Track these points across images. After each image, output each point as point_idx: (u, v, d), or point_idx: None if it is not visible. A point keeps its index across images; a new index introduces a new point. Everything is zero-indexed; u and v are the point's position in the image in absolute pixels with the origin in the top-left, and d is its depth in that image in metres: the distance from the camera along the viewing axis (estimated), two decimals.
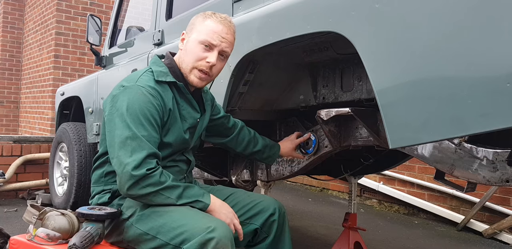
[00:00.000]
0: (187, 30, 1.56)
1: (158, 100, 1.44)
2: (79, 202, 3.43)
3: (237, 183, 2.21)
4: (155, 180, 1.34)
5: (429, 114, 1.10)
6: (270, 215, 1.60)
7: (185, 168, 1.61)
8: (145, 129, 1.38)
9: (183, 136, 1.53)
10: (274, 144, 1.90)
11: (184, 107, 1.55)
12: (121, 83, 1.50)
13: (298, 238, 3.09)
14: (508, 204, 3.45)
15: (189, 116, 1.56)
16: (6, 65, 7.70)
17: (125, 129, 1.38)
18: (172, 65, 1.54)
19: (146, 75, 1.50)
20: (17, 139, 4.46)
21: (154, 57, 1.59)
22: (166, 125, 1.48)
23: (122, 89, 1.45)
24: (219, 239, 1.26)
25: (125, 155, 1.35)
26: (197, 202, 1.42)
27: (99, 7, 6.64)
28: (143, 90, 1.42)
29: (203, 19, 1.52)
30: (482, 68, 1.00)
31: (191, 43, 1.51)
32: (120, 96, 1.43)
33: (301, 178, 5.20)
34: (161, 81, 1.49)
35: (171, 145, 1.50)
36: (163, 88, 1.49)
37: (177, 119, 1.51)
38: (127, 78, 1.53)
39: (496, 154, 1.29)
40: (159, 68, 1.52)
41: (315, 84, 1.94)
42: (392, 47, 1.19)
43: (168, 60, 1.56)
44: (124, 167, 1.34)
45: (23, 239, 1.53)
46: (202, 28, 1.50)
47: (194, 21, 1.55)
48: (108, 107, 1.46)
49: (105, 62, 3.43)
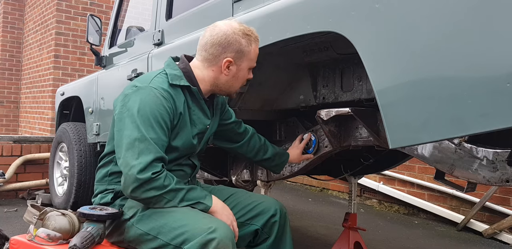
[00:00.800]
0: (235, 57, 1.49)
1: (169, 103, 1.43)
2: (79, 202, 3.43)
3: (237, 183, 2.21)
4: (159, 184, 1.34)
5: (429, 114, 1.10)
6: (271, 216, 1.60)
7: (189, 172, 1.61)
8: (154, 132, 1.38)
9: (191, 141, 1.52)
10: (283, 152, 1.88)
11: (195, 112, 1.54)
12: (134, 83, 1.49)
13: (298, 238, 3.09)
14: (508, 204, 3.46)
15: (199, 122, 1.55)
16: (6, 65, 7.70)
17: (134, 130, 1.37)
18: (187, 70, 1.52)
19: (160, 77, 1.48)
20: (17, 139, 4.46)
21: (168, 59, 1.58)
22: (176, 128, 1.47)
23: (135, 89, 1.44)
24: (220, 240, 1.26)
25: (132, 156, 1.35)
26: (199, 203, 1.42)
27: (99, 7, 6.64)
28: (156, 92, 1.41)
29: (248, 44, 1.49)
30: (482, 68, 1.00)
31: (243, 72, 1.54)
32: (132, 96, 1.42)
33: (301, 178, 5.20)
34: (174, 84, 1.48)
35: (179, 149, 1.50)
36: (176, 91, 1.47)
37: (187, 123, 1.50)
38: (140, 78, 1.52)
39: (496, 154, 1.29)
40: (173, 71, 1.51)
41: (315, 84, 1.94)
42: (392, 47, 1.19)
43: (183, 65, 1.54)
44: (130, 169, 1.33)
45: (24, 239, 1.53)
46: (252, 56, 1.53)
47: (241, 47, 1.48)
48: (119, 106, 1.45)
49: (105, 62, 3.43)
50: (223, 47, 1.47)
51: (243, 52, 1.49)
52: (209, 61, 1.51)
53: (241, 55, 1.49)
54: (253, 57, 1.53)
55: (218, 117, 1.69)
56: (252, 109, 2.06)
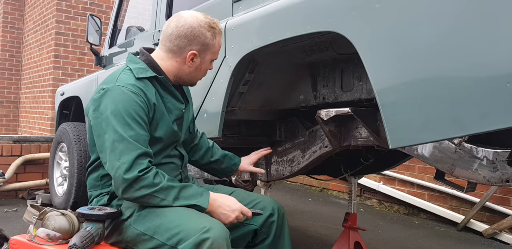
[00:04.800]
0: (199, 50, 1.50)
1: (141, 97, 1.42)
2: (79, 202, 3.43)
3: (237, 183, 2.21)
4: (148, 182, 1.34)
5: (429, 114, 1.10)
6: (269, 215, 1.59)
7: (179, 163, 1.61)
8: (131, 129, 1.37)
9: (172, 128, 1.52)
10: (235, 156, 1.85)
11: (169, 99, 1.54)
12: (100, 86, 1.48)
13: (298, 238, 3.09)
14: (508, 204, 3.46)
15: (174, 108, 1.55)
16: (6, 65, 7.70)
17: (111, 132, 1.37)
18: (150, 61, 1.53)
19: (125, 73, 1.48)
20: (17, 139, 4.46)
21: (129, 55, 1.58)
22: (154, 120, 1.47)
23: (103, 92, 1.43)
24: (214, 239, 1.26)
25: (114, 158, 1.35)
26: (194, 206, 1.40)
27: (99, 7, 6.65)
28: (124, 90, 1.41)
29: (212, 37, 1.50)
30: (482, 68, 1.00)
31: (206, 64, 1.56)
32: (102, 99, 1.41)
33: (301, 178, 5.20)
34: (141, 77, 1.47)
35: (162, 139, 1.50)
36: (144, 84, 1.47)
37: (164, 112, 1.50)
38: (106, 80, 1.51)
39: (496, 154, 1.29)
40: (136, 65, 1.51)
41: (315, 84, 1.94)
42: (392, 47, 1.19)
43: (144, 57, 1.55)
44: (116, 171, 1.34)
45: (23, 239, 1.53)
46: (216, 49, 1.53)
47: (205, 39, 1.49)
48: (91, 112, 1.44)
49: (105, 62, 3.43)
50: (189, 40, 1.48)
51: (208, 45, 1.50)
52: (173, 52, 1.51)
53: (205, 48, 1.50)
54: (216, 50, 1.54)
55: (192, 104, 1.71)
56: (252, 109, 2.06)
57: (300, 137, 2.04)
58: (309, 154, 1.96)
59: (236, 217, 1.43)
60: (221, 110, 1.84)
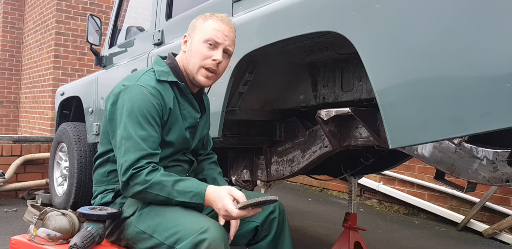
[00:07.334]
0: (189, 32, 1.56)
1: (158, 100, 1.44)
2: (79, 202, 3.43)
3: (237, 183, 2.21)
4: (141, 179, 1.35)
5: (429, 114, 1.10)
6: (270, 212, 1.60)
7: (187, 167, 1.62)
8: (142, 128, 1.39)
9: (184, 135, 1.53)
10: None
11: (185, 106, 1.55)
12: (122, 82, 1.51)
13: (298, 238, 3.09)
14: (508, 204, 3.46)
15: (189, 116, 1.57)
16: (6, 65, 7.69)
17: (122, 129, 1.40)
18: (174, 65, 1.55)
19: (148, 74, 1.51)
20: (17, 139, 4.46)
21: (156, 58, 1.60)
22: (167, 124, 1.49)
23: (123, 88, 1.46)
24: (211, 240, 1.25)
25: (120, 155, 1.39)
26: (190, 203, 1.36)
27: (99, 7, 6.64)
28: (143, 90, 1.43)
29: (203, 20, 1.53)
30: (482, 68, 1.00)
31: (196, 43, 1.52)
32: (121, 95, 1.45)
33: (301, 178, 5.20)
34: (162, 80, 1.50)
35: (173, 144, 1.51)
36: (164, 87, 1.49)
37: (178, 118, 1.52)
38: (129, 77, 1.54)
39: (496, 154, 1.29)
40: (161, 68, 1.54)
41: (315, 84, 1.94)
42: (392, 47, 1.19)
43: (170, 60, 1.58)
44: (120, 168, 1.38)
45: (24, 239, 1.53)
46: (205, 28, 1.51)
47: (195, 23, 1.55)
48: (109, 105, 1.48)
49: (105, 62, 3.43)
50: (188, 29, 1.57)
51: (195, 26, 1.55)
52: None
53: (193, 29, 1.55)
54: (206, 29, 1.51)
55: (208, 116, 1.71)
56: (252, 109, 2.06)
57: (300, 137, 2.05)
58: (309, 154, 1.96)
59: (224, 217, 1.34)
60: (221, 110, 1.85)
